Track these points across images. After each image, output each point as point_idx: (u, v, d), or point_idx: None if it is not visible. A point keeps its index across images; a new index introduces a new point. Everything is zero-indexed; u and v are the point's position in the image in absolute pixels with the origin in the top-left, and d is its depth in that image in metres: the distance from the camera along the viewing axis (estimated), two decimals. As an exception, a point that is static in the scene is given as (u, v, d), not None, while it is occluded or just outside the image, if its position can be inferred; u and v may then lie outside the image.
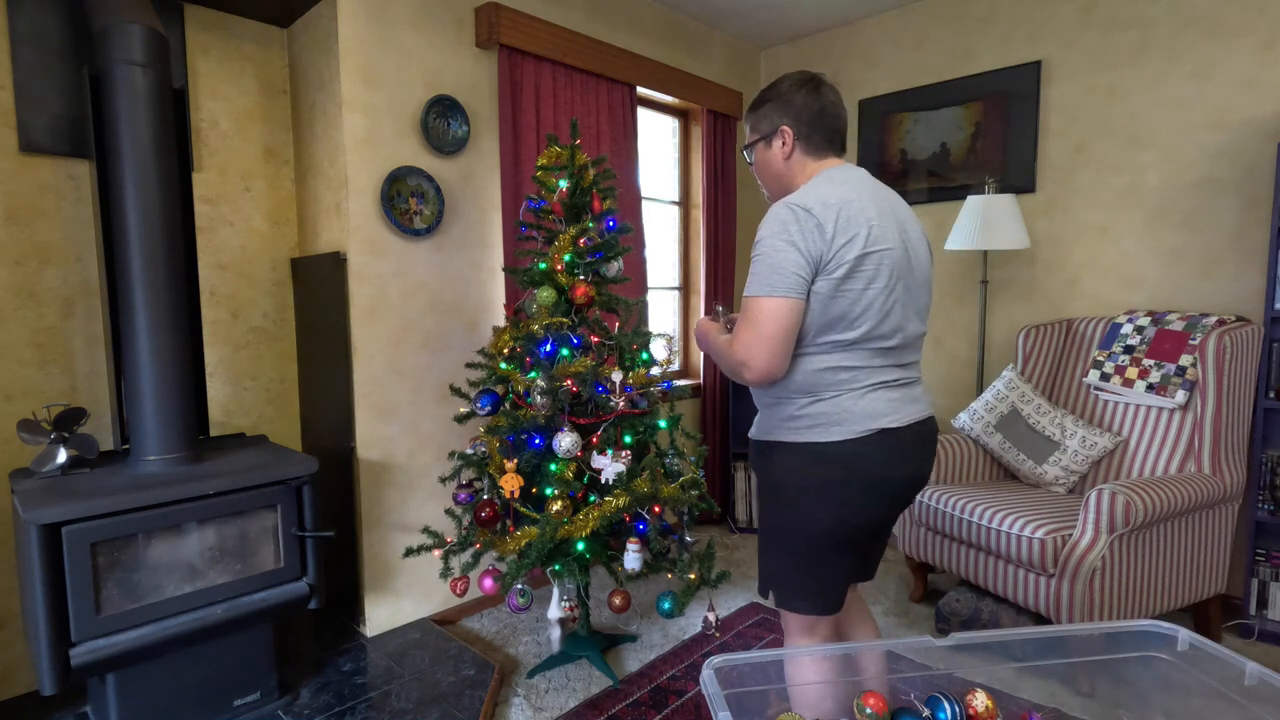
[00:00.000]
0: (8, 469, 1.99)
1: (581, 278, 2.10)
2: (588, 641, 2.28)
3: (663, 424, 2.15)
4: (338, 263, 2.32)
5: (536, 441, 2.04)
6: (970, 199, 2.85)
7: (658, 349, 2.15)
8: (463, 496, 2.12)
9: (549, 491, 1.98)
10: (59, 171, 2.06)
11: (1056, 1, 2.89)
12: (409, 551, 2.13)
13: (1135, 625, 1.21)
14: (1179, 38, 2.60)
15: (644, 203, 3.27)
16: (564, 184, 2.13)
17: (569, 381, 1.99)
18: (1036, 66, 2.94)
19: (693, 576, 2.08)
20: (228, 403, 2.44)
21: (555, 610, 2.31)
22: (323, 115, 2.35)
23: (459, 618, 2.61)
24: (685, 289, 3.72)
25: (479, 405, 2.07)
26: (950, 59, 3.21)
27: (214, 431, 2.40)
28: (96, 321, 2.14)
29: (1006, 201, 2.79)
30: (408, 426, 2.46)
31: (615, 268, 2.18)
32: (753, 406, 3.86)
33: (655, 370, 2.17)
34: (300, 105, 2.48)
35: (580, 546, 1.98)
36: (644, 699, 2.05)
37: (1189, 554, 2.22)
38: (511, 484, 1.96)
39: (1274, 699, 1.01)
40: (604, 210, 2.17)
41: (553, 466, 1.99)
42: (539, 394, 1.95)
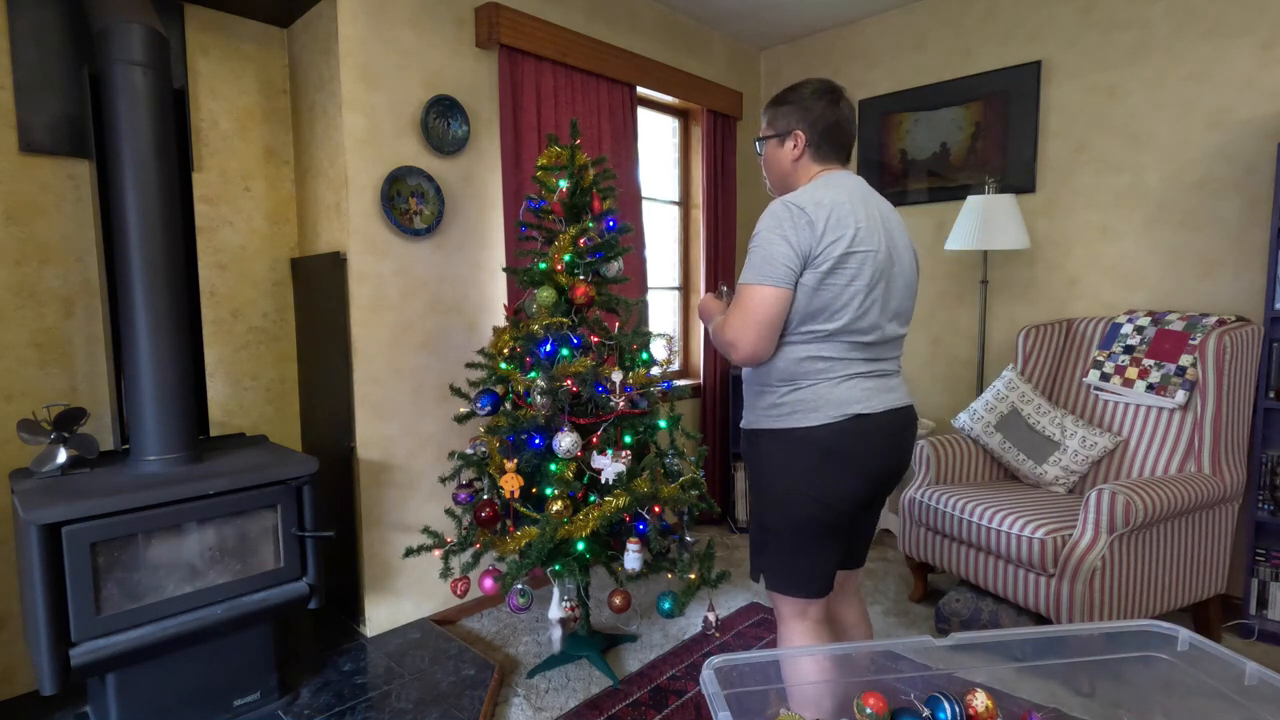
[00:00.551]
0: (8, 469, 2.00)
1: (581, 278, 2.10)
2: (588, 641, 2.28)
3: (663, 424, 2.15)
4: (338, 263, 2.32)
5: (536, 441, 2.04)
6: (970, 199, 2.86)
7: (658, 349, 2.15)
8: (463, 496, 2.12)
9: (549, 491, 1.98)
10: (59, 171, 2.06)
11: (1056, 1, 2.89)
12: (409, 551, 2.13)
13: (1135, 625, 1.20)
14: (1179, 38, 2.60)
15: (644, 203, 3.27)
16: (564, 184, 2.13)
17: (569, 381, 1.99)
18: (1036, 66, 2.94)
19: (693, 576, 2.09)
20: (228, 403, 2.44)
21: (555, 610, 2.31)
22: (323, 115, 2.35)
23: (459, 618, 2.61)
24: (685, 289, 3.72)
25: (479, 405, 2.07)
26: (950, 59, 3.21)
27: (214, 431, 2.40)
28: (96, 321, 2.14)
29: (1006, 201, 2.79)
30: (408, 426, 2.46)
31: (615, 268, 2.18)
32: (753, 406, 3.86)
33: (655, 370, 2.17)
34: (300, 105, 2.48)
35: (580, 546, 1.98)
36: (644, 699, 2.05)
37: (1189, 554, 2.22)
38: (511, 484, 1.96)
39: (1274, 699, 1.01)
40: (604, 210, 2.17)
41: (553, 466, 1.99)
42: (539, 394, 1.95)
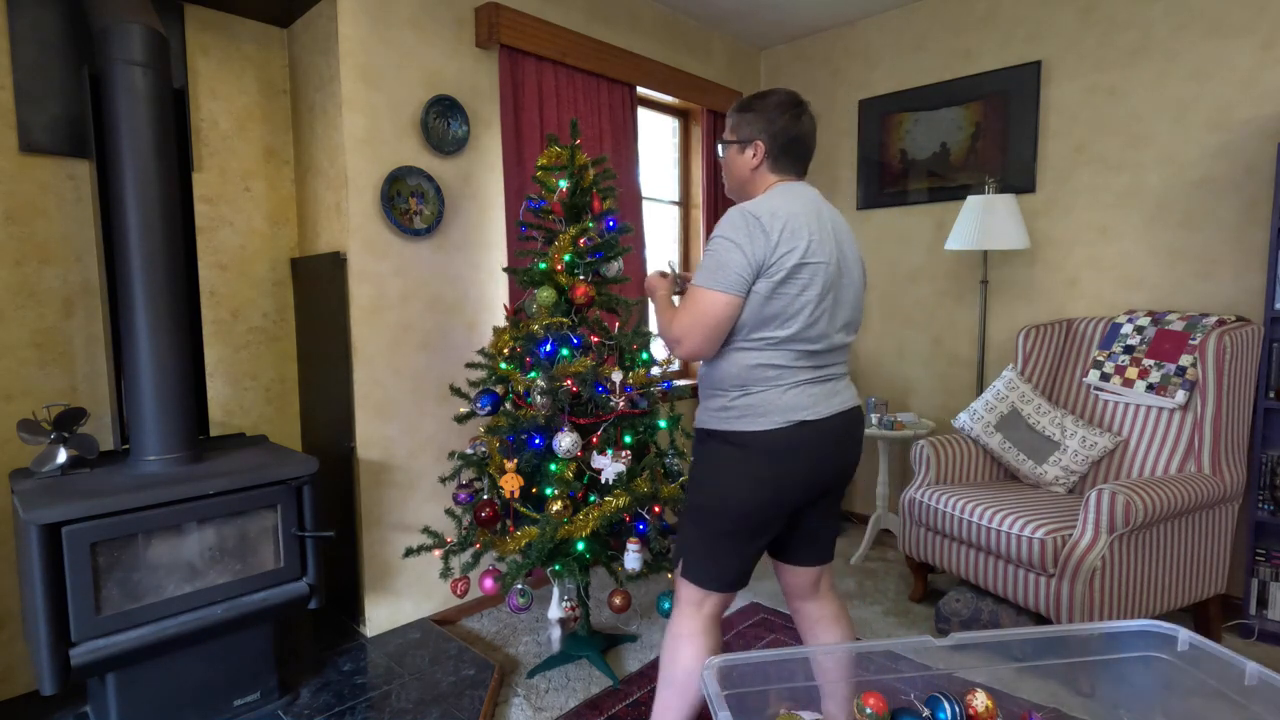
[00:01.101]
0: (8, 469, 2.00)
1: (581, 278, 2.10)
2: (588, 641, 2.28)
3: (663, 424, 2.15)
4: (338, 263, 2.32)
5: (536, 441, 2.04)
6: (970, 199, 2.86)
7: (658, 349, 2.15)
8: (463, 496, 2.12)
9: (549, 491, 1.98)
10: (59, 171, 2.06)
11: (1056, 1, 2.89)
12: (409, 551, 2.13)
13: (1135, 625, 1.21)
14: (1179, 38, 2.60)
15: (644, 203, 3.27)
16: (564, 184, 2.13)
17: (569, 381, 1.99)
18: (1036, 66, 2.94)
19: (693, 576, 2.08)
20: (228, 403, 2.44)
21: (555, 610, 2.31)
22: (323, 115, 2.35)
23: (459, 618, 2.61)
24: (685, 289, 3.71)
25: (479, 405, 2.07)
26: (950, 59, 3.21)
27: (214, 431, 2.40)
28: (96, 321, 2.14)
29: (1006, 201, 2.79)
30: (407, 426, 2.46)
31: (615, 268, 2.18)
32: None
33: (655, 370, 2.17)
34: (300, 105, 2.48)
35: (580, 546, 1.98)
36: (644, 699, 2.05)
37: (1189, 554, 2.22)
38: (511, 484, 1.96)
39: (1274, 699, 1.01)
40: (604, 210, 2.17)
41: (553, 466, 1.99)
42: (539, 394, 1.95)
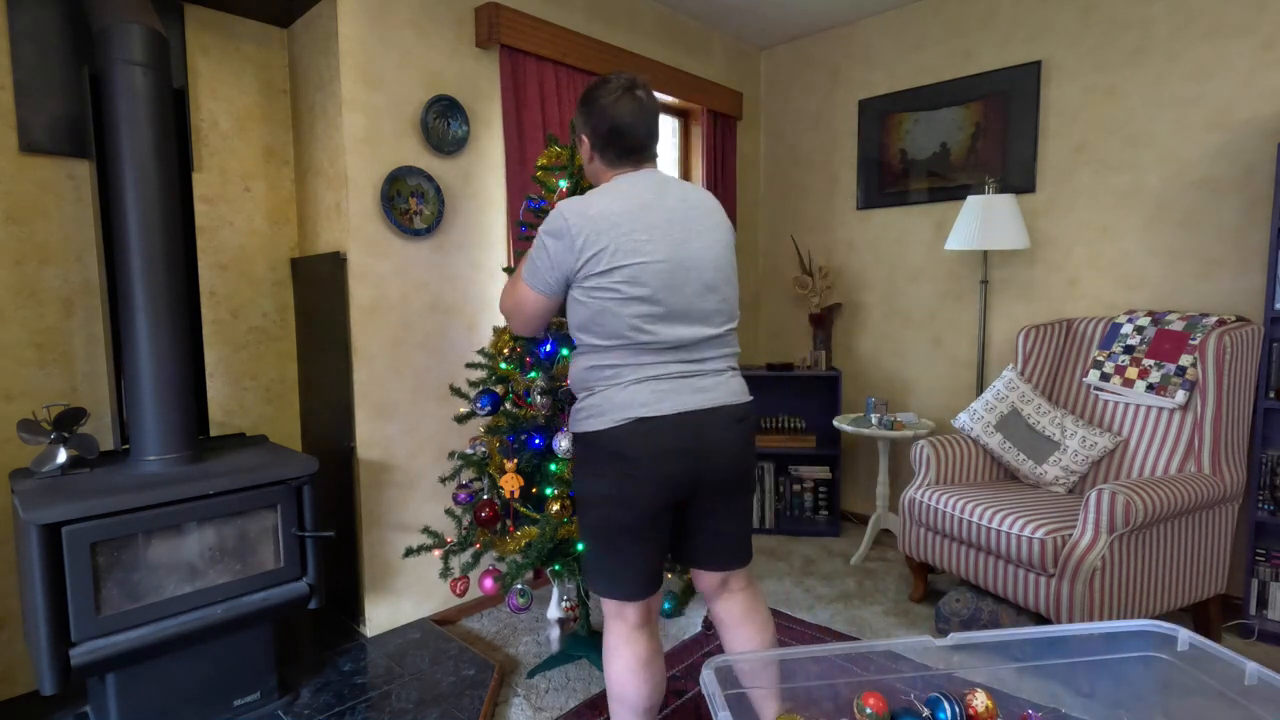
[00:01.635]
0: (8, 469, 1.99)
1: (581, 278, 2.09)
2: (588, 641, 2.28)
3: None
4: (338, 263, 2.32)
5: (536, 441, 2.04)
6: (970, 199, 2.86)
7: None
8: (463, 496, 2.12)
9: (549, 491, 1.98)
10: (59, 171, 2.06)
11: (1056, 1, 2.89)
12: (409, 551, 2.13)
13: (1135, 625, 1.21)
14: (1179, 38, 2.60)
15: (644, 203, 3.26)
16: (564, 184, 2.12)
17: (569, 381, 1.99)
18: (1036, 66, 2.94)
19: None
20: (228, 403, 2.44)
21: (555, 610, 2.31)
22: (323, 115, 2.35)
23: (459, 618, 2.61)
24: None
25: (479, 405, 2.07)
26: (950, 59, 3.21)
27: (214, 431, 2.40)
28: (96, 321, 2.14)
29: (1006, 201, 2.79)
30: (408, 426, 2.46)
31: (615, 268, 2.17)
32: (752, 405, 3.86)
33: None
34: (300, 105, 2.48)
35: (580, 546, 1.98)
36: (644, 699, 2.05)
37: (1189, 554, 2.22)
38: (511, 484, 1.96)
39: (1274, 699, 1.01)
40: (604, 210, 2.16)
41: (553, 466, 1.99)
42: (539, 394, 1.95)
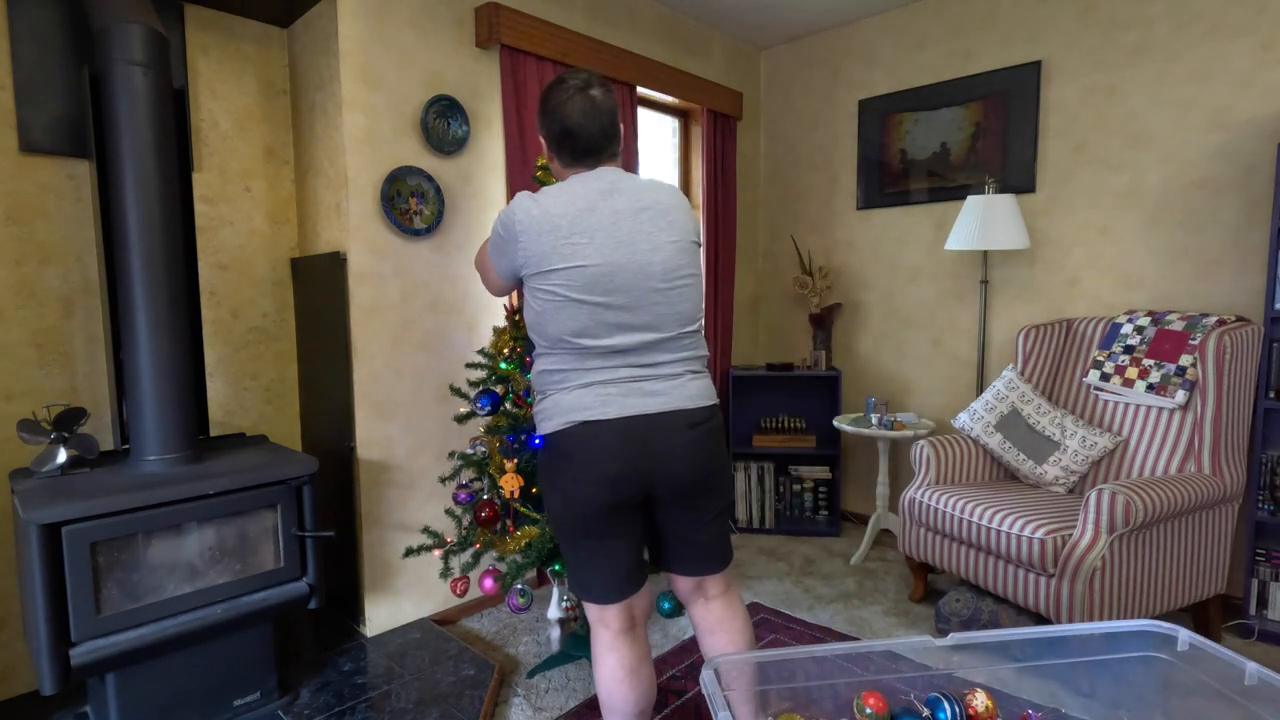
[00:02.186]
0: (8, 469, 1.99)
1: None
2: (588, 642, 2.27)
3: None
4: (338, 263, 2.32)
5: (536, 441, 2.03)
6: (970, 199, 2.86)
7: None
8: (463, 496, 2.12)
9: (549, 491, 1.97)
10: (59, 171, 2.06)
11: (1056, 1, 2.89)
12: (409, 551, 2.13)
13: (1135, 625, 1.21)
14: (1179, 38, 2.60)
15: (644, 203, 3.26)
16: (564, 184, 2.12)
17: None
18: (1036, 66, 2.94)
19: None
20: (228, 403, 2.44)
21: (555, 610, 2.31)
22: (323, 115, 2.35)
23: (459, 618, 2.61)
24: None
25: (479, 405, 2.06)
26: (950, 59, 3.21)
27: (214, 431, 2.40)
28: (96, 321, 2.14)
29: (1006, 201, 2.79)
30: (408, 426, 2.46)
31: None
32: (751, 405, 3.86)
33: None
34: (300, 105, 2.48)
35: (580, 546, 1.98)
36: (644, 699, 2.05)
37: (1189, 554, 2.22)
38: (511, 484, 1.95)
39: (1274, 699, 1.01)
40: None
41: (553, 466, 1.99)
42: (539, 394, 1.95)
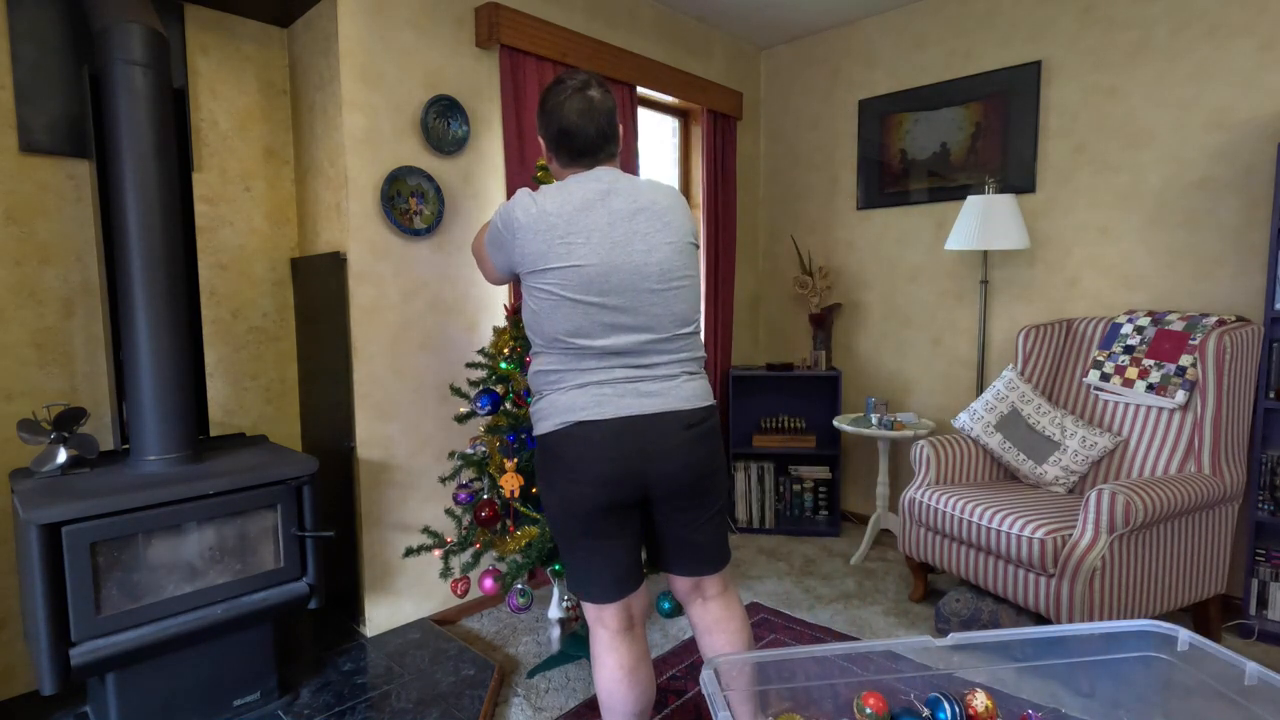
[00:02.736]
0: (8, 469, 1.99)
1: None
2: (587, 641, 2.27)
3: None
4: (338, 263, 2.32)
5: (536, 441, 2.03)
6: (970, 199, 2.86)
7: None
8: (463, 496, 2.12)
9: (549, 491, 1.97)
10: (59, 171, 2.06)
11: (1056, 1, 2.89)
12: (409, 551, 2.13)
13: (1135, 625, 1.21)
14: (1179, 38, 2.60)
15: (644, 203, 3.26)
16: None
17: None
18: (1036, 66, 2.94)
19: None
20: (228, 403, 2.44)
21: (555, 610, 2.31)
22: (323, 115, 2.35)
23: (459, 618, 2.61)
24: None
25: (479, 405, 2.06)
26: (950, 59, 3.21)
27: (214, 431, 2.40)
28: (96, 321, 2.14)
29: (1006, 201, 2.79)
30: (408, 426, 2.46)
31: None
32: (751, 405, 3.85)
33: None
34: (300, 105, 2.48)
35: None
36: (644, 699, 2.05)
37: (1189, 554, 2.22)
38: (511, 484, 1.96)
39: (1274, 699, 1.01)
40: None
41: (553, 466, 1.99)
42: (539, 394, 1.95)
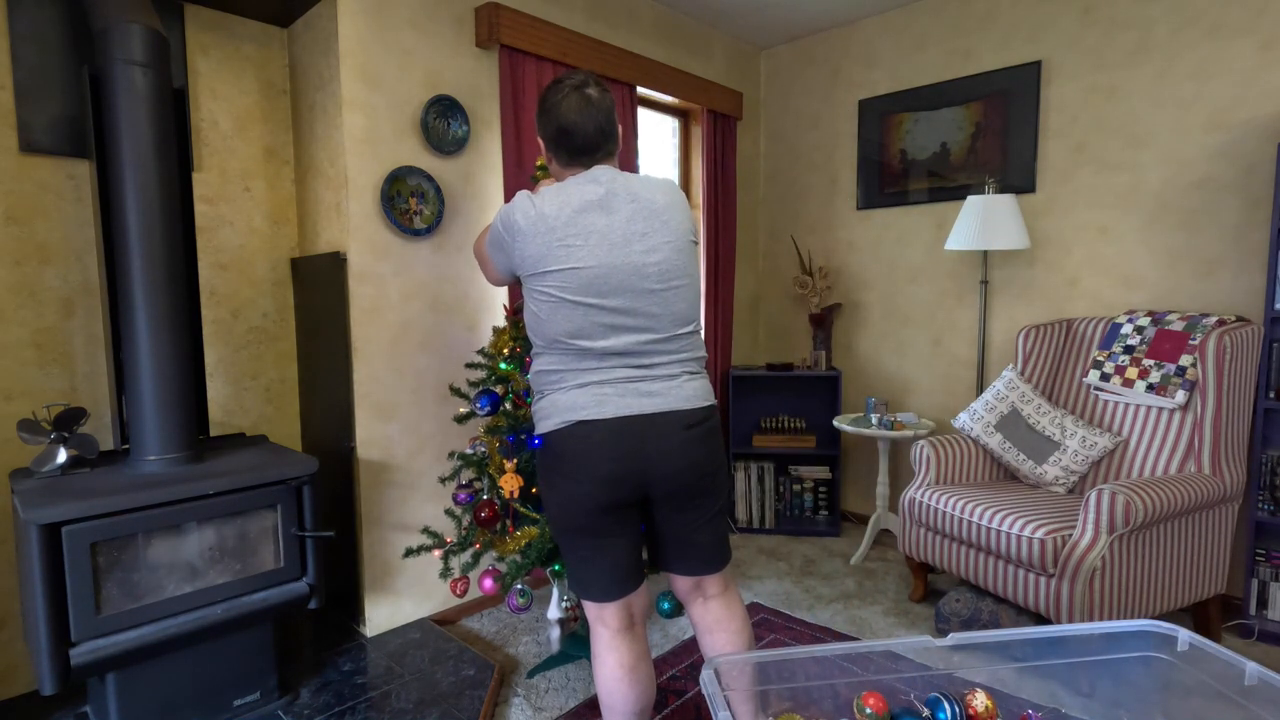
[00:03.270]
0: (8, 469, 1.99)
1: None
2: (587, 641, 2.27)
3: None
4: (338, 263, 2.32)
5: (536, 441, 2.03)
6: (970, 199, 2.86)
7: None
8: (462, 496, 2.12)
9: (549, 491, 1.97)
10: (59, 171, 2.06)
11: (1056, 1, 2.89)
12: (409, 551, 2.13)
13: (1135, 625, 1.21)
14: (1179, 38, 2.60)
15: (644, 203, 3.26)
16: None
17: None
18: (1036, 66, 2.94)
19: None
20: (228, 403, 2.44)
21: (555, 610, 2.31)
22: (323, 115, 2.35)
23: (459, 618, 2.61)
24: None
25: (479, 405, 2.06)
26: (950, 59, 3.21)
27: (214, 431, 2.40)
28: (96, 321, 2.14)
29: (1006, 201, 2.79)
30: (408, 426, 2.46)
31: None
32: (751, 405, 3.85)
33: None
34: (300, 105, 2.48)
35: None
36: (644, 699, 2.05)
37: (1189, 554, 2.22)
38: (511, 484, 1.95)
39: (1274, 699, 1.01)
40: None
41: (553, 466, 1.99)
42: (539, 394, 1.95)
